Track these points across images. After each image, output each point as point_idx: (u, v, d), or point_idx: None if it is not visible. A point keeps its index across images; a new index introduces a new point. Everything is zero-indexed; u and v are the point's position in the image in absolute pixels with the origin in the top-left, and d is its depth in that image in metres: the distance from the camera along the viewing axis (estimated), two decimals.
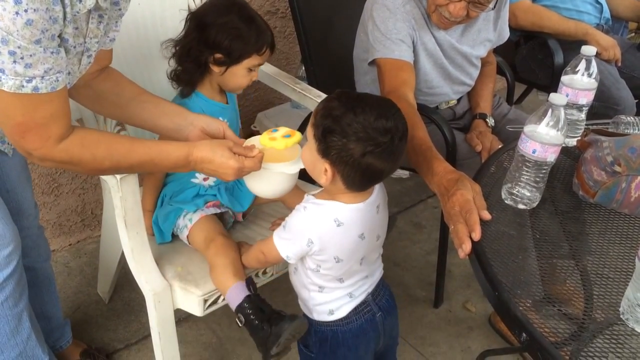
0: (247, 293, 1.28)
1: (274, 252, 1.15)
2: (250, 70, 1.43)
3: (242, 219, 1.59)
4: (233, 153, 1.17)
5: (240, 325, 1.28)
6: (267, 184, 1.26)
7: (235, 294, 1.28)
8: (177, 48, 1.43)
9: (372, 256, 1.22)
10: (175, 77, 1.46)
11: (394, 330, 1.33)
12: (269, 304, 1.29)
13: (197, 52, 1.40)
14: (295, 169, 1.23)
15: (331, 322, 1.22)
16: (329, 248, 1.12)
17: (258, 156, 1.19)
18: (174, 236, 1.50)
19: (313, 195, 1.15)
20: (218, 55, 1.39)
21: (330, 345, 1.23)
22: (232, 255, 1.35)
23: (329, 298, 1.20)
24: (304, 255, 1.14)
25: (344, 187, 1.10)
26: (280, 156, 1.24)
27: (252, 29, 1.39)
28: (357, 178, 1.09)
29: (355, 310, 1.22)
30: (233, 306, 1.28)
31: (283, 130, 1.25)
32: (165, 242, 1.49)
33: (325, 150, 1.06)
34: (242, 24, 1.38)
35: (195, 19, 1.42)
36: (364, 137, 1.03)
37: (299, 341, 1.30)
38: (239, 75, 1.43)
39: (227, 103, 1.52)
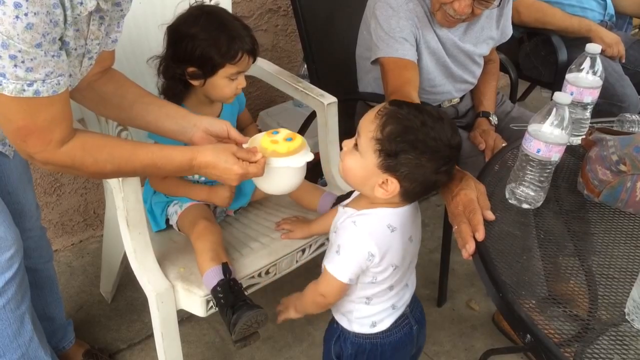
0: (221, 277, 1.29)
1: (333, 285, 1.10)
2: (231, 79, 1.38)
3: (233, 213, 1.60)
4: (237, 158, 1.16)
5: (214, 308, 1.32)
6: (276, 180, 1.24)
7: (210, 278, 1.30)
8: (160, 64, 1.42)
9: (415, 261, 1.21)
10: (163, 91, 1.45)
11: (423, 342, 1.32)
12: (241, 290, 1.30)
13: (174, 68, 1.39)
14: (302, 161, 1.22)
15: (372, 334, 1.19)
16: (387, 256, 1.08)
17: (261, 162, 1.18)
18: (173, 232, 1.52)
19: (350, 207, 1.12)
20: (191, 69, 1.37)
21: (367, 358, 1.21)
22: (212, 240, 1.37)
23: (375, 310, 1.17)
24: (363, 271, 1.10)
25: (400, 199, 1.08)
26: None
27: (222, 38, 1.34)
28: (420, 192, 1.07)
29: (396, 323, 1.20)
30: (208, 289, 1.31)
31: (284, 132, 1.24)
32: (161, 230, 1.53)
33: (393, 167, 1.02)
34: (211, 34, 1.34)
35: (169, 33, 1.40)
36: (439, 156, 1.02)
37: (332, 351, 1.27)
38: (219, 86, 1.39)
39: (218, 116, 1.51)
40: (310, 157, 1.23)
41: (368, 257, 1.06)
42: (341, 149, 1.12)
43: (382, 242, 1.07)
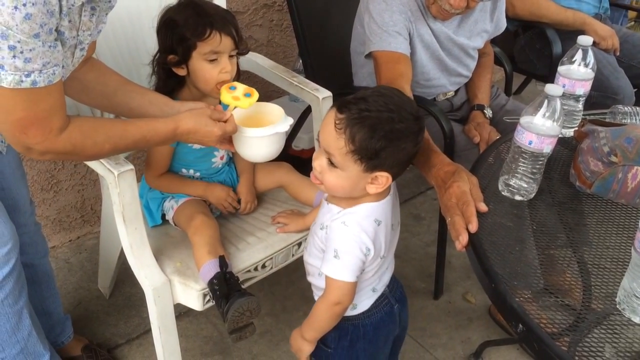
0: (218, 270, 1.31)
1: (344, 289, 1.10)
2: (211, 61, 1.35)
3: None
4: (214, 120, 1.24)
5: (211, 301, 1.34)
6: (262, 147, 1.30)
7: (207, 271, 1.32)
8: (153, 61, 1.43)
9: (395, 244, 1.23)
10: (156, 89, 1.44)
11: (406, 322, 1.34)
12: (237, 282, 1.32)
13: (160, 60, 1.40)
14: (286, 126, 1.29)
15: (353, 316, 1.21)
16: (377, 248, 1.10)
17: (231, 119, 1.26)
18: (170, 227, 1.53)
19: (333, 204, 1.12)
20: (171, 57, 1.37)
21: (350, 340, 1.22)
22: (209, 234, 1.38)
23: (357, 295, 1.18)
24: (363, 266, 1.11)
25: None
26: (259, 117, 1.30)
27: (190, 17, 1.33)
28: (403, 170, 1.09)
29: (376, 303, 1.22)
30: (205, 282, 1.33)
31: (241, 88, 1.30)
32: (157, 225, 1.54)
33: (379, 164, 1.03)
34: (182, 15, 1.34)
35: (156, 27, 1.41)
36: (411, 132, 1.04)
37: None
38: (200, 70, 1.36)
39: None
40: (290, 120, 1.32)
41: (366, 252, 1.08)
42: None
43: (374, 237, 1.09)
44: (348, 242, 1.08)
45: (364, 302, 1.21)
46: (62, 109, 1.04)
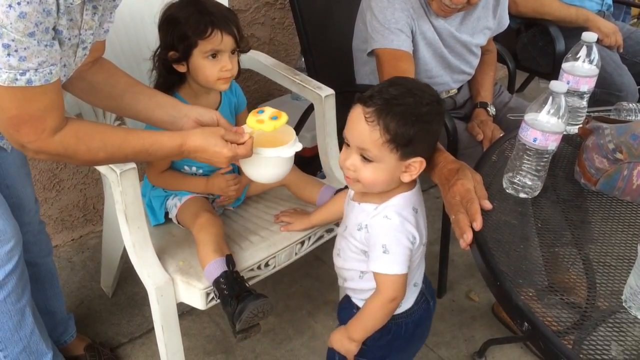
0: (225, 269, 1.30)
1: (398, 283, 1.09)
2: (212, 57, 1.36)
3: (231, 207, 1.61)
4: (225, 141, 1.18)
5: (216, 299, 1.33)
6: (264, 169, 1.26)
7: (213, 269, 1.31)
8: (154, 58, 1.43)
9: None
10: (156, 85, 1.44)
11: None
12: (244, 282, 1.32)
13: (161, 57, 1.40)
14: (291, 152, 1.24)
15: (396, 315, 1.19)
16: (420, 235, 1.11)
17: (248, 142, 1.20)
18: (173, 225, 1.53)
19: (366, 202, 1.12)
20: (171, 53, 1.37)
21: (392, 338, 1.21)
22: (214, 232, 1.38)
23: None
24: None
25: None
26: (271, 137, 1.25)
27: (192, 14, 1.34)
28: (431, 154, 1.12)
29: (416, 300, 1.22)
30: (210, 281, 1.32)
31: (269, 111, 1.24)
32: (159, 224, 1.53)
33: (413, 150, 1.04)
34: (184, 12, 1.35)
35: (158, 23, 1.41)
36: (437, 113, 1.06)
37: None
38: (201, 67, 1.37)
39: (217, 107, 1.50)
40: (299, 147, 1.25)
41: (412, 240, 1.09)
42: (340, 148, 1.12)
43: (416, 225, 1.10)
44: (395, 234, 1.08)
45: (408, 300, 1.20)
46: (57, 110, 1.02)
